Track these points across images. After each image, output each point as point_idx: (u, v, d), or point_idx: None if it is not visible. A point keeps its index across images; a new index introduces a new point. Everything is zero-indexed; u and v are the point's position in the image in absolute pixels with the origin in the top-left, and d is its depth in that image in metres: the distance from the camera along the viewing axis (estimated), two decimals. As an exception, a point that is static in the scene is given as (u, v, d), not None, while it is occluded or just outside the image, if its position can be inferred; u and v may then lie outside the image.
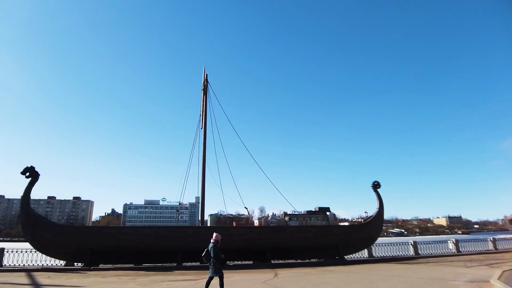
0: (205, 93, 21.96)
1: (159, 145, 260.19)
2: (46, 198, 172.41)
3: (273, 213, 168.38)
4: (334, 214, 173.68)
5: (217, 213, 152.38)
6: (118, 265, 18.74)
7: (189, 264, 19.23)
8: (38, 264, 18.78)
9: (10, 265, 18.29)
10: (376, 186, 22.74)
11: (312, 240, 20.41)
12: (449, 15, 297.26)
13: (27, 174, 18.23)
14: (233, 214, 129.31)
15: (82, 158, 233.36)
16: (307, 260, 21.17)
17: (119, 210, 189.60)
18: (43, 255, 18.65)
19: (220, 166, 21.78)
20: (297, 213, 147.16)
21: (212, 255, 9.20)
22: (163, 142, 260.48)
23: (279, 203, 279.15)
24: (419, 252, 23.84)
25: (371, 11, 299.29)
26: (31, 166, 18.46)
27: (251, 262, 20.02)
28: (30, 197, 18.50)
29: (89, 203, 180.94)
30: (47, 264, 18.99)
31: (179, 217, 22.02)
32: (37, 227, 18.05)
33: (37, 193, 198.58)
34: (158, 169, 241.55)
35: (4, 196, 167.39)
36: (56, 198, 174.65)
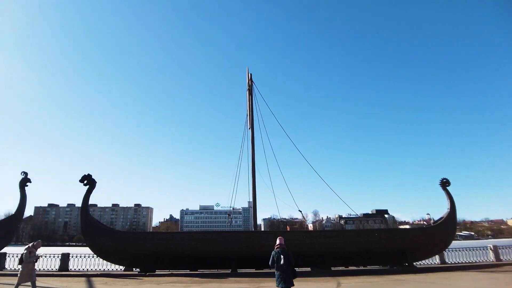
0: (250, 93, 21.34)
1: (209, 149, 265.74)
2: (110, 205, 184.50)
3: (327, 216, 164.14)
4: (393, 217, 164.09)
5: (270, 217, 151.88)
6: (174, 271, 18.56)
7: (244, 270, 18.47)
8: (99, 269, 19.31)
9: (74, 269, 19.07)
10: (445, 184, 20.23)
11: (375, 245, 18.55)
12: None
13: (85, 182, 18.84)
14: (287, 218, 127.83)
15: (141, 166, 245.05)
16: (369, 267, 19.41)
17: (176, 215, 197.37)
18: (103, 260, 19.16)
19: (270, 168, 20.77)
20: (354, 216, 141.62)
21: (291, 262, 8.10)
22: (213, 145, 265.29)
23: (332, 207, 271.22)
24: (501, 258, 20.85)
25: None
26: (88, 174, 19.03)
27: (308, 269, 18.77)
28: (88, 204, 19.05)
29: (148, 210, 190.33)
30: (108, 269, 19.45)
31: (233, 221, 21.36)
32: (96, 233, 18.48)
33: (103, 201, 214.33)
34: (211, 173, 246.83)
35: (75, 205, 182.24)
36: (119, 206, 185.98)
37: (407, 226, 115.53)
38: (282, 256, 8.08)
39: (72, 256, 19.58)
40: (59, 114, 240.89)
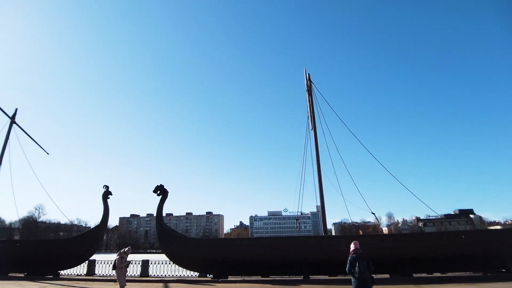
0: (309, 94, 20.80)
1: (273, 153, 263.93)
2: (184, 214, 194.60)
3: (403, 219, 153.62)
4: (480, 217, 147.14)
5: (341, 222, 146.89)
6: (246, 277, 18.58)
7: (316, 277, 17.80)
8: (176, 275, 20.15)
9: (153, 275, 20.19)
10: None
11: (463, 249, 16.51)
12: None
13: (158, 192, 19.95)
14: (358, 222, 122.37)
15: (210, 174, 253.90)
16: (457, 274, 17.40)
17: (246, 222, 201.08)
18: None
19: (336, 170, 19.85)
20: (434, 217, 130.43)
21: (370, 268, 7.60)
22: (276, 149, 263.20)
23: (408, 208, 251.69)
24: None
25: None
26: (161, 185, 20.11)
27: (387, 276, 17.41)
28: (162, 212, 20.10)
29: (219, 217, 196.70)
30: (183, 275, 20.20)
31: (302, 227, 20.84)
32: (170, 240, 19.36)
33: (178, 210, 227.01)
34: (277, 177, 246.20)
35: (153, 214, 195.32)
36: (193, 214, 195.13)
37: (498, 227, 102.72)
38: (359, 262, 7.52)
39: (152, 263, 20.76)
40: (135, 131, 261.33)
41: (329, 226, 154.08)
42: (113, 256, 26.46)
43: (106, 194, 21.28)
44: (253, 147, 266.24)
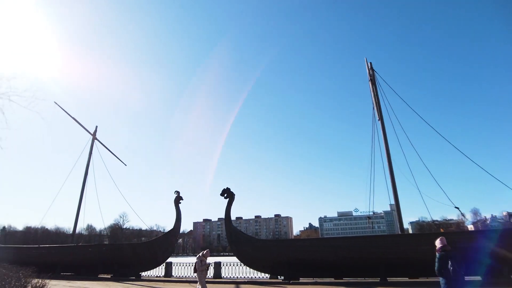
0: (373, 83, 19.48)
1: (338, 150, 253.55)
2: (253, 217, 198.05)
3: (491, 215, 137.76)
4: None
5: (419, 220, 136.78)
6: (318, 279, 17.96)
7: (394, 279, 16.49)
8: (247, 277, 20.28)
9: (226, 277, 20.57)
10: None
11: None
12: None
13: (225, 195, 20.35)
14: (439, 219, 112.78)
15: (277, 176, 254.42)
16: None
17: (315, 223, 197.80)
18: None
19: (408, 163, 18.27)
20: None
21: (462, 266, 6.72)
22: (341, 146, 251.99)
23: (496, 202, 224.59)
24: None
25: None
26: (227, 188, 20.49)
27: (478, 278, 15.42)
28: (230, 215, 20.42)
29: (288, 219, 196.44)
30: (255, 277, 20.23)
31: (375, 227, 19.51)
32: (239, 242, 19.56)
33: (247, 212, 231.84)
34: (344, 176, 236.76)
35: (223, 219, 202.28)
36: (261, 217, 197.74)
37: None
38: (451, 260, 6.57)
39: (224, 265, 21.17)
40: (202, 137, 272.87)
41: (406, 225, 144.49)
42: (189, 259, 27.79)
43: (178, 199, 22.23)
44: (317, 147, 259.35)
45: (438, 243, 7.00)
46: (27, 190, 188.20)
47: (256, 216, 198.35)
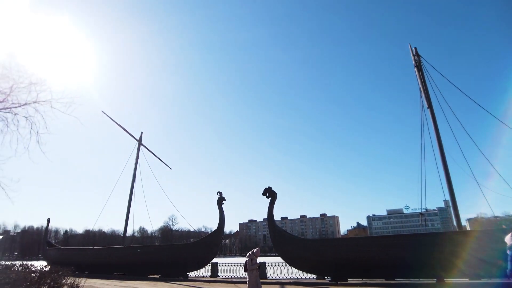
0: (419, 69, 18.06)
1: (383, 144, 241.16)
2: (299, 217, 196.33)
3: None
4: None
5: (477, 216, 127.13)
6: (368, 280, 17.05)
7: (455, 280, 15.12)
8: (293, 277, 19.82)
9: (271, 277, 20.26)
10: None
11: None
12: None
13: (267, 194, 20.03)
14: (501, 215, 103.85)
15: (322, 175, 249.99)
16: None
17: (363, 222, 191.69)
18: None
19: (459, 154, 16.72)
20: None
21: None
22: (387, 139, 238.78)
23: None
24: None
25: None
26: (269, 187, 20.14)
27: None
28: (273, 214, 20.05)
29: (335, 219, 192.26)
30: (301, 278, 19.71)
31: (428, 224, 18.05)
32: (283, 241, 19.15)
33: (292, 212, 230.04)
34: (392, 171, 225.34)
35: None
36: (307, 217, 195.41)
37: None
38: None
39: (269, 265, 20.89)
40: (244, 139, 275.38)
41: (463, 222, 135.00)
42: (235, 259, 27.89)
43: (220, 200, 22.33)
44: (362, 142, 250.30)
45: (508, 239, 6.11)
46: (82, 196, 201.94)
47: (301, 216, 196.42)
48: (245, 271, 11.73)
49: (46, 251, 31.27)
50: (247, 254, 11.73)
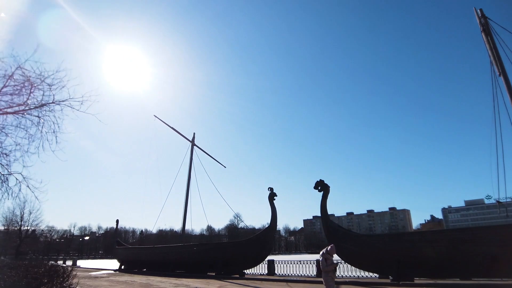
0: (487, 34, 15.29)
1: (453, 125, 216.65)
2: (366, 212, 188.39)
3: None
4: None
5: None
6: (438, 281, 15.04)
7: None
8: (353, 276, 18.43)
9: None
10: None
11: None
12: None
13: (319, 188, 18.91)
14: None
15: (390, 166, 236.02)
16: None
17: (438, 215, 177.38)
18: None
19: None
20: None
21: None
22: (454, 119, 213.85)
23: None
24: None
25: None
26: (321, 180, 19.03)
27: None
28: (326, 209, 18.87)
29: (405, 212, 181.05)
30: (361, 276, 18.22)
31: (507, 214, 15.32)
32: (338, 237, 17.82)
33: (358, 207, 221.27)
34: (469, 157, 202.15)
35: (334, 214, 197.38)
36: (374, 211, 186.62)
37: None
38: None
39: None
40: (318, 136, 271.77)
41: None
42: (296, 257, 27.05)
43: (272, 196, 21.74)
44: (428, 125, 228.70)
45: None
46: (147, 197, 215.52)
47: (368, 211, 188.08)
48: (320, 273, 10.53)
49: (116, 250, 33.61)
50: (321, 253, 10.14)
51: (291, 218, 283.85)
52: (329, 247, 10.27)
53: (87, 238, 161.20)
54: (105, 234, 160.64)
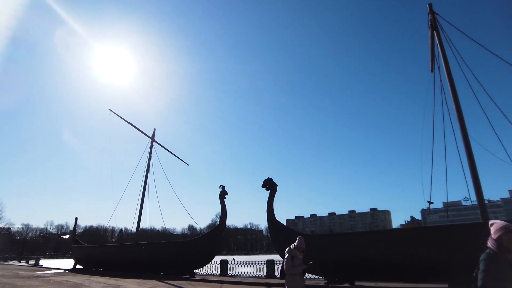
0: (434, 29, 14.83)
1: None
2: (347, 212, 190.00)
3: None
4: None
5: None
6: (379, 284, 14.44)
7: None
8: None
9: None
10: None
11: None
12: None
13: (267, 186, 18.33)
14: None
15: (369, 169, 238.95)
16: None
17: (418, 216, 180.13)
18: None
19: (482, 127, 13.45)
20: None
21: None
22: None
23: None
24: None
25: None
26: (269, 178, 18.45)
27: None
28: (273, 208, 18.26)
29: (386, 213, 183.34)
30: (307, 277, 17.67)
31: (490, 216, 14.48)
32: (281, 239, 17.19)
33: (340, 207, 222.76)
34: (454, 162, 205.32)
35: (316, 215, 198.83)
36: (356, 212, 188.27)
37: None
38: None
39: (277, 263, 19.12)
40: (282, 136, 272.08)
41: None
42: (268, 257, 26.33)
43: (223, 194, 21.12)
44: (410, 129, 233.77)
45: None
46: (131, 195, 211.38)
47: (350, 211, 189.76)
48: (281, 276, 7.25)
49: (72, 249, 32.30)
50: (287, 249, 7.16)
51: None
52: (297, 240, 7.25)
53: (66, 236, 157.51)
54: (84, 233, 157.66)
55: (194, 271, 21.74)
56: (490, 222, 3.95)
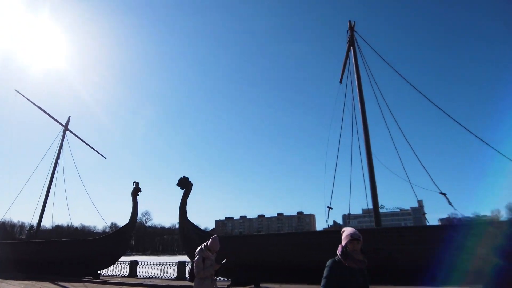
0: (351, 44, 15.84)
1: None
2: (276, 215, 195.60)
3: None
4: None
5: (449, 216, 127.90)
6: (283, 286, 14.73)
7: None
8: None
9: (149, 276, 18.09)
10: None
11: None
12: None
13: (182, 185, 17.82)
14: (470, 215, 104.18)
15: (299, 173, 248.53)
16: None
17: (340, 221, 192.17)
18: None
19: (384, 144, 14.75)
20: None
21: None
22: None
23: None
24: None
25: None
26: (184, 177, 17.92)
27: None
28: (186, 208, 17.81)
29: (311, 217, 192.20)
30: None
31: (401, 223, 15.68)
32: (189, 240, 16.85)
33: (269, 210, 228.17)
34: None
35: (246, 216, 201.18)
36: (284, 215, 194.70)
37: None
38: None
39: (187, 264, 18.68)
40: (213, 133, 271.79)
41: (435, 222, 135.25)
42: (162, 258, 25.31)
43: (136, 191, 20.15)
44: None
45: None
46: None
47: (278, 214, 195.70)
48: (190, 279, 6.47)
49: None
50: (198, 249, 6.34)
51: (203, 218, 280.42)
52: (211, 239, 6.45)
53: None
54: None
55: (99, 272, 20.36)
56: (343, 229, 4.03)
